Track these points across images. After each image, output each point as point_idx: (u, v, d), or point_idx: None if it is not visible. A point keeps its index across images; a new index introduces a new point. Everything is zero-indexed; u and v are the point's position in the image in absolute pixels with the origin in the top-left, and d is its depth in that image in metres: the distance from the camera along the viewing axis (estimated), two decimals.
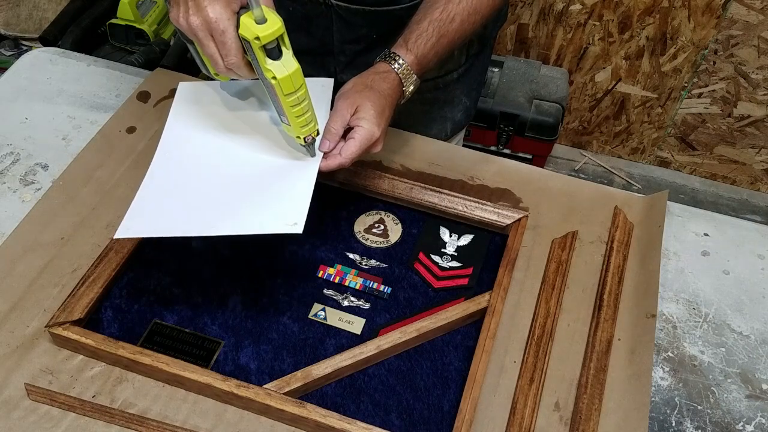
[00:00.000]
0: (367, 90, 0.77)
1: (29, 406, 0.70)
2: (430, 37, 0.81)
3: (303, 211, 0.70)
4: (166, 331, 0.77)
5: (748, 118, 1.92)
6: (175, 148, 0.81)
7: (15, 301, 0.78)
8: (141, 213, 0.75)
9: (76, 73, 1.09)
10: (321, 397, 0.72)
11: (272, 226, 0.71)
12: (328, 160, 0.76)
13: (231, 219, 0.73)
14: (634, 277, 0.82)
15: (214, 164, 0.79)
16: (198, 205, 0.75)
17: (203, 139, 0.81)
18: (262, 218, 0.72)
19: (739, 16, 1.71)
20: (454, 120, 1.08)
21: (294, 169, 0.76)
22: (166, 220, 0.74)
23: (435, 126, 1.07)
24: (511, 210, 0.87)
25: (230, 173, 0.78)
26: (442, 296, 0.81)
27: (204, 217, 0.74)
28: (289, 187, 0.75)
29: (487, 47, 1.06)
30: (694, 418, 0.74)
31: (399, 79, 0.79)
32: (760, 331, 0.81)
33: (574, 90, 2.02)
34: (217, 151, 0.80)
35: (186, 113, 0.84)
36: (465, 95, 1.07)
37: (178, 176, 0.78)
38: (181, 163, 0.79)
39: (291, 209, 0.71)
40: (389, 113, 0.78)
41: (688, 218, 0.92)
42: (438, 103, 1.04)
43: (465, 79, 1.04)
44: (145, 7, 2.03)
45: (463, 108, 1.08)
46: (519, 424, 0.69)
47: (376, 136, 0.76)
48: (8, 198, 0.91)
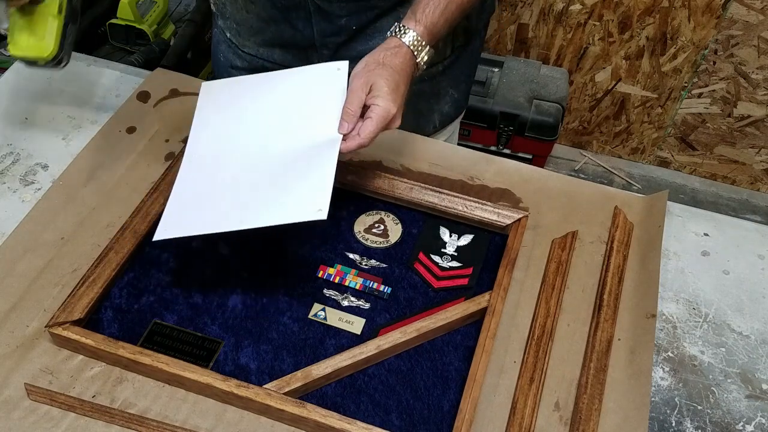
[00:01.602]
0: (380, 67, 0.77)
1: (29, 406, 0.70)
2: (438, 5, 0.81)
3: (326, 197, 0.71)
4: (166, 331, 0.77)
5: (748, 118, 1.92)
6: (202, 148, 0.83)
7: (15, 301, 0.78)
8: (175, 214, 0.78)
9: (76, 73, 1.09)
10: (321, 397, 0.72)
11: (297, 215, 0.72)
12: (348, 142, 0.76)
13: (258, 212, 0.75)
14: (634, 277, 0.82)
15: (238, 160, 0.81)
16: (226, 202, 0.77)
17: (227, 137, 0.83)
18: (287, 208, 0.74)
19: (739, 16, 1.71)
20: (441, 112, 1.08)
21: (315, 155, 0.77)
22: (198, 219, 0.77)
23: (422, 118, 1.07)
24: (511, 210, 0.87)
25: (254, 167, 0.79)
26: (442, 296, 0.81)
27: (233, 212, 0.76)
28: (311, 174, 0.75)
29: (475, 40, 1.06)
30: (694, 418, 0.74)
31: (411, 52, 0.79)
32: (760, 331, 0.81)
33: (574, 90, 2.02)
34: (242, 146, 0.82)
35: (209, 113, 0.86)
36: (452, 87, 1.07)
37: (207, 176, 0.81)
38: (208, 163, 0.82)
39: (314, 196, 0.72)
40: (404, 88, 0.79)
41: (688, 218, 0.92)
42: (424, 95, 1.04)
43: (451, 72, 1.04)
44: (145, 7, 2.03)
45: (452, 100, 1.08)
46: (519, 424, 0.69)
47: (392, 113, 0.76)
48: (8, 198, 0.91)
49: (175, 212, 0.78)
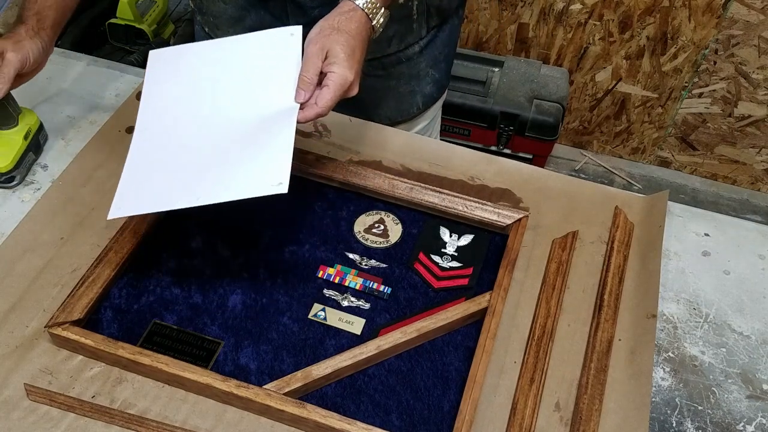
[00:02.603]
0: (335, 33, 0.75)
1: (29, 407, 0.70)
2: None
3: (286, 170, 0.68)
4: (166, 332, 0.77)
5: (749, 118, 1.92)
6: (154, 120, 0.80)
7: (14, 301, 0.78)
8: (129, 191, 0.74)
9: (75, 73, 1.09)
10: (321, 397, 0.72)
11: (256, 189, 0.69)
12: (305, 111, 0.74)
13: (214, 187, 0.72)
14: (634, 277, 0.82)
15: (193, 132, 0.78)
16: (182, 176, 0.74)
17: (178, 107, 0.80)
18: (246, 182, 0.70)
19: (739, 16, 1.71)
20: (423, 93, 1.08)
21: (271, 126, 0.74)
22: (153, 195, 0.74)
23: (405, 101, 1.07)
24: (512, 210, 0.87)
25: (208, 138, 0.76)
26: (442, 296, 0.81)
27: (189, 188, 0.73)
28: (269, 146, 0.72)
29: (453, 19, 1.05)
30: (695, 419, 0.74)
31: (366, 15, 0.77)
32: (760, 332, 0.81)
33: (574, 90, 2.02)
34: (195, 117, 0.79)
35: (160, 82, 0.82)
36: (432, 68, 1.06)
37: (160, 149, 0.77)
38: (161, 135, 0.78)
39: (273, 169, 0.69)
40: (360, 54, 0.76)
41: (689, 218, 0.92)
42: (404, 77, 1.04)
43: (428, 51, 1.04)
44: (144, 6, 2.03)
45: (432, 81, 1.08)
46: (519, 425, 0.69)
47: (349, 81, 0.74)
48: (8, 198, 0.91)
49: (129, 189, 0.75)
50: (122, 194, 0.75)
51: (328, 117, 0.98)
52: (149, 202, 0.74)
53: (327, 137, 0.97)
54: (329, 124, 0.98)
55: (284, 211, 0.89)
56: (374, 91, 1.04)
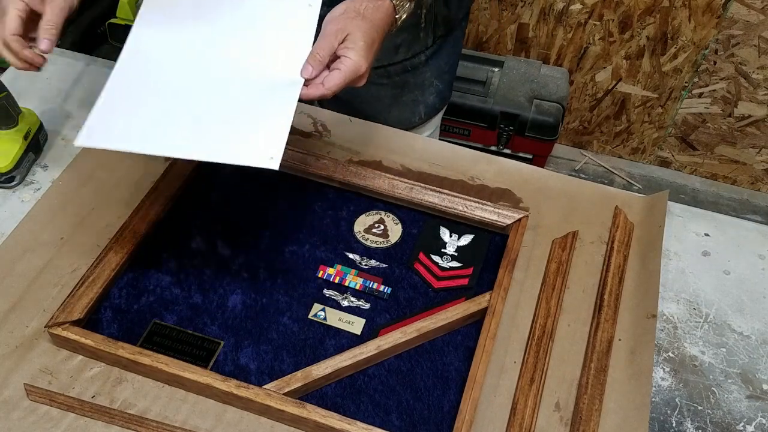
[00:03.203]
0: (359, 18, 0.72)
1: (29, 407, 0.70)
2: None
3: (281, 145, 0.65)
4: (166, 332, 0.77)
5: (749, 118, 1.92)
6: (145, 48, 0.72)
7: (14, 301, 0.78)
8: (104, 121, 0.67)
9: (75, 73, 1.09)
10: (321, 397, 0.72)
11: (246, 158, 0.65)
12: (310, 89, 0.71)
13: (202, 143, 0.67)
14: (634, 277, 0.82)
15: (187, 70, 0.72)
16: (166, 119, 0.68)
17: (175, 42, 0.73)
18: (236, 148, 0.66)
19: (739, 16, 1.71)
20: (426, 103, 1.08)
21: (272, 95, 0.70)
22: (130, 132, 0.67)
23: (407, 109, 1.07)
24: (512, 210, 0.87)
25: (203, 88, 0.71)
26: (442, 296, 0.81)
27: (171, 135, 0.67)
28: (267, 115, 0.68)
29: (456, 30, 1.05)
30: (695, 419, 0.74)
31: (393, 7, 0.75)
32: (760, 332, 0.81)
33: (574, 90, 2.02)
34: (190, 58, 0.73)
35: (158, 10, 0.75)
36: (436, 78, 1.06)
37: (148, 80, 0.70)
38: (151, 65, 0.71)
39: (267, 141, 0.65)
40: (378, 46, 0.74)
41: (689, 218, 0.92)
42: (408, 86, 1.04)
43: (434, 62, 1.03)
44: None
45: (436, 91, 1.08)
46: (519, 425, 0.69)
47: (362, 70, 0.71)
48: (8, 198, 0.91)
49: (104, 118, 0.66)
50: (96, 122, 0.66)
51: (328, 117, 0.99)
52: (123, 139, 0.66)
53: (327, 137, 0.97)
54: (329, 124, 0.98)
55: (284, 211, 0.89)
56: (377, 100, 1.03)
